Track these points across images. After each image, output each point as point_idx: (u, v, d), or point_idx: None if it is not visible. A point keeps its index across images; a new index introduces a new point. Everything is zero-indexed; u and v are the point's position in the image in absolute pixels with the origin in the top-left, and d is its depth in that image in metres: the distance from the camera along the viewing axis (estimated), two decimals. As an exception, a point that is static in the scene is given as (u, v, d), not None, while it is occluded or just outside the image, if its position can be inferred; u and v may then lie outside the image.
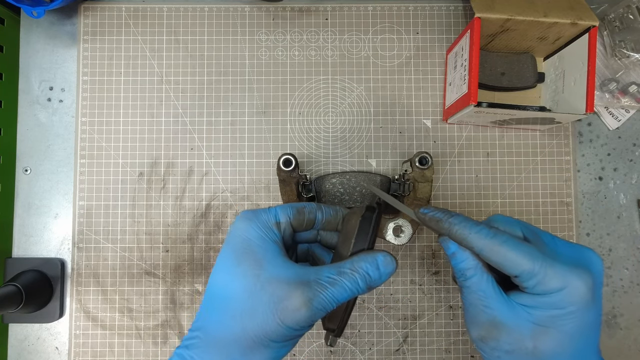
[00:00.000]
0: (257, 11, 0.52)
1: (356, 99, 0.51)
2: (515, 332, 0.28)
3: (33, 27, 0.52)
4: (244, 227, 0.31)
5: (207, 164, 0.51)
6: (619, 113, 0.52)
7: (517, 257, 0.27)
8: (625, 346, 0.50)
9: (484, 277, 0.29)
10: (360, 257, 0.30)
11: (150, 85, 0.51)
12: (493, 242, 0.28)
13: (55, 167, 0.51)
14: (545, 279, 0.27)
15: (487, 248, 0.28)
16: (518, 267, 0.28)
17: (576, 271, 0.27)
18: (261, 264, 0.29)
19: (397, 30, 0.52)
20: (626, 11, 0.50)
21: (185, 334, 0.49)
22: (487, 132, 0.51)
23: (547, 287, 0.27)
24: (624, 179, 0.51)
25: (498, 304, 0.29)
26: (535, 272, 0.27)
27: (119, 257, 0.50)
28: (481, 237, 0.28)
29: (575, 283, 0.27)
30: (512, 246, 0.28)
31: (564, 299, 0.27)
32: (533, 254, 0.28)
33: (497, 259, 0.28)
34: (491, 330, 0.29)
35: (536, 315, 0.28)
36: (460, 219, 0.30)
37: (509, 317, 0.28)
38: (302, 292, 0.27)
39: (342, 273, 0.29)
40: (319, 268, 0.29)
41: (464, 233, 0.29)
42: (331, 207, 0.34)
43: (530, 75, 0.50)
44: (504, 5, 0.43)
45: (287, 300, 0.27)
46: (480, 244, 0.28)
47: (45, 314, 0.49)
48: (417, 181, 0.44)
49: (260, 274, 0.28)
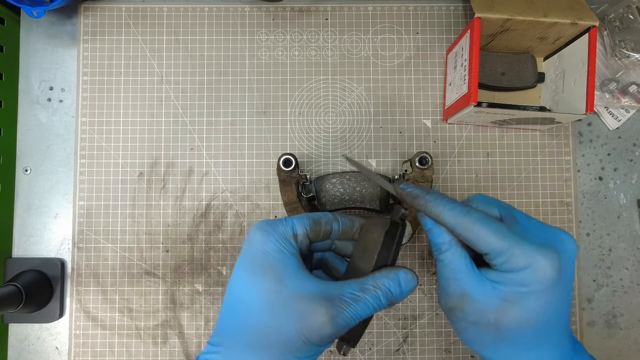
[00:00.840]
0: (257, 11, 0.52)
1: (356, 99, 0.52)
2: (480, 304, 0.29)
3: (33, 27, 0.52)
4: (261, 239, 0.30)
5: (207, 164, 0.51)
6: (619, 113, 0.52)
7: (487, 234, 0.29)
8: (625, 346, 0.50)
9: (458, 252, 0.30)
10: (383, 274, 0.30)
11: (150, 85, 0.51)
12: (465, 219, 0.29)
13: (55, 167, 0.51)
14: (512, 257, 0.28)
15: (460, 225, 0.29)
16: (488, 245, 0.29)
17: (543, 250, 0.28)
18: (281, 279, 0.28)
19: (397, 30, 0.52)
20: (626, 11, 0.50)
21: (185, 334, 0.49)
22: (487, 132, 0.51)
23: (513, 265, 0.28)
24: (624, 179, 0.51)
25: (468, 278, 0.30)
26: (503, 250, 0.28)
27: (119, 257, 0.50)
28: (454, 214, 0.30)
29: (541, 262, 0.28)
30: (483, 224, 0.29)
31: (529, 277, 0.28)
32: (503, 232, 0.29)
33: (469, 235, 0.29)
34: (459, 301, 0.30)
35: (502, 290, 0.29)
36: (435, 196, 0.31)
37: (477, 291, 0.29)
38: (326, 310, 0.27)
39: (365, 290, 0.29)
40: (341, 284, 0.29)
41: (438, 209, 0.30)
42: (347, 217, 0.34)
43: (530, 75, 0.50)
44: (504, 5, 0.43)
45: (311, 318, 0.27)
46: (453, 221, 0.30)
47: (45, 314, 0.49)
48: (417, 181, 0.44)
49: (282, 290, 0.28)
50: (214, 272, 0.50)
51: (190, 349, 0.49)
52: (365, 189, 0.47)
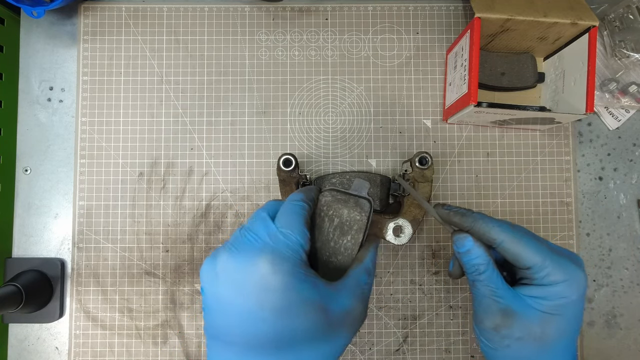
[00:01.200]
0: (257, 11, 0.52)
1: (356, 99, 0.52)
2: (526, 319, 0.31)
3: (33, 27, 0.52)
4: (285, 283, 0.27)
5: (207, 164, 0.51)
6: (619, 113, 0.52)
7: (532, 250, 0.31)
8: (625, 346, 0.50)
9: (495, 272, 0.32)
10: (372, 251, 0.34)
11: (150, 85, 0.51)
12: (514, 235, 0.32)
13: (55, 167, 0.51)
14: (555, 270, 0.31)
15: (508, 240, 0.32)
16: (532, 260, 0.31)
17: (576, 264, 0.32)
18: (324, 309, 0.28)
19: (397, 30, 0.52)
20: (626, 11, 0.50)
21: (185, 334, 0.49)
22: (487, 132, 0.51)
23: (554, 278, 0.31)
24: (624, 179, 0.51)
25: (509, 295, 0.32)
26: (546, 265, 0.31)
27: (119, 257, 0.50)
28: (502, 230, 0.32)
29: (578, 274, 0.31)
30: (528, 240, 0.32)
31: (568, 289, 0.31)
32: (544, 249, 0.32)
33: (516, 250, 0.32)
34: (505, 319, 0.31)
35: (544, 304, 0.31)
36: (482, 214, 0.34)
37: (520, 307, 0.31)
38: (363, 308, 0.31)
39: (369, 274, 0.32)
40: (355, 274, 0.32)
41: (488, 226, 0.33)
42: (308, 192, 0.34)
43: (530, 75, 0.50)
44: (504, 5, 0.43)
45: (359, 319, 0.31)
46: (502, 237, 0.32)
47: (45, 314, 0.49)
48: (417, 181, 0.44)
49: (331, 319, 0.29)
50: (214, 272, 0.50)
51: (190, 349, 0.49)
52: (365, 189, 0.47)
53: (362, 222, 0.33)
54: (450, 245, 0.48)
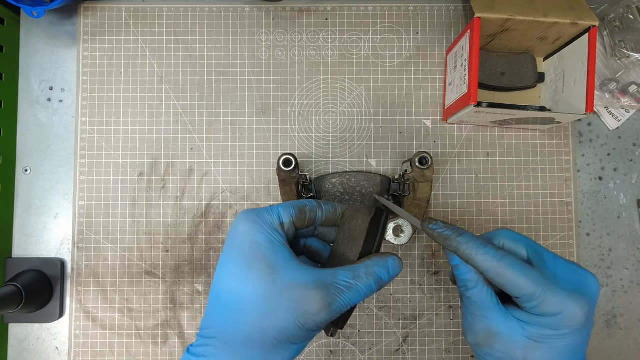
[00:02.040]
0: (257, 11, 0.52)
1: (356, 99, 0.52)
2: (508, 342, 0.30)
3: (33, 27, 0.52)
4: (249, 229, 0.30)
5: (207, 164, 0.51)
6: (619, 113, 0.52)
7: (520, 281, 0.29)
8: (625, 346, 0.50)
9: (484, 290, 0.31)
10: (374, 261, 0.31)
11: (150, 85, 0.51)
12: (499, 265, 0.29)
13: (55, 167, 0.51)
14: (545, 303, 0.29)
15: (492, 270, 0.30)
16: (520, 290, 0.29)
17: (574, 297, 0.29)
18: (275, 269, 0.29)
19: (397, 30, 0.52)
20: (626, 11, 0.50)
21: (185, 333, 0.49)
22: (487, 132, 0.51)
23: (545, 310, 0.29)
24: (624, 179, 0.51)
25: (495, 315, 0.31)
26: (535, 296, 0.29)
27: (119, 257, 0.50)
28: (487, 259, 0.30)
29: (572, 309, 0.29)
30: (517, 270, 0.29)
31: (560, 323, 0.29)
32: (535, 278, 0.29)
33: (501, 281, 0.30)
34: (486, 338, 0.31)
35: (530, 331, 0.30)
36: (467, 238, 0.31)
37: (504, 329, 0.30)
38: (322, 297, 0.28)
39: (357, 277, 0.30)
40: (334, 271, 0.30)
41: (471, 254, 0.30)
42: (330, 203, 0.34)
43: (530, 75, 0.50)
44: (504, 5, 0.43)
45: (307, 305, 0.28)
46: (486, 266, 0.30)
47: (45, 314, 0.49)
48: (417, 181, 0.44)
49: (277, 279, 0.28)
50: (214, 272, 0.50)
51: (190, 349, 0.49)
52: (365, 189, 0.47)
53: (363, 227, 0.32)
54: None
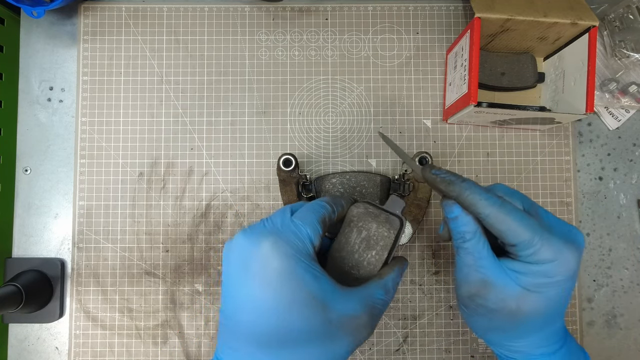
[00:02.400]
0: (257, 11, 0.52)
1: (356, 99, 0.52)
2: (502, 292, 0.31)
3: (33, 27, 0.52)
4: (286, 267, 0.28)
5: (207, 164, 0.51)
6: (619, 113, 0.52)
7: (520, 227, 0.29)
8: (625, 346, 0.50)
9: (481, 241, 0.31)
10: (396, 272, 0.33)
11: (150, 85, 0.51)
12: (500, 210, 0.30)
13: (55, 167, 0.51)
14: (541, 250, 0.29)
15: (494, 216, 0.30)
16: (518, 237, 0.30)
17: (568, 245, 0.30)
18: (326, 307, 0.28)
19: (397, 30, 0.52)
20: (626, 11, 0.50)
21: (185, 334, 0.49)
22: (487, 132, 0.51)
23: (541, 257, 0.30)
24: (624, 179, 0.51)
25: (491, 266, 0.31)
26: (533, 243, 0.29)
27: (119, 257, 0.50)
28: (489, 204, 0.30)
29: (567, 256, 0.30)
30: (517, 217, 0.30)
31: (554, 269, 0.30)
32: (533, 226, 0.30)
33: (501, 227, 0.30)
34: (480, 288, 0.31)
35: (524, 280, 0.30)
36: (470, 184, 0.31)
37: (499, 279, 0.31)
38: (369, 321, 0.30)
39: (388, 292, 0.32)
40: (369, 289, 0.31)
41: (475, 198, 0.30)
42: (337, 202, 0.34)
43: (530, 75, 0.50)
44: (504, 5, 0.43)
45: (361, 333, 0.30)
46: (488, 211, 0.30)
47: (45, 314, 0.49)
48: (417, 181, 0.44)
49: (331, 318, 0.28)
50: (214, 272, 0.50)
51: (190, 349, 0.49)
52: (365, 189, 0.47)
53: (389, 239, 0.32)
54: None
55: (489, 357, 0.49)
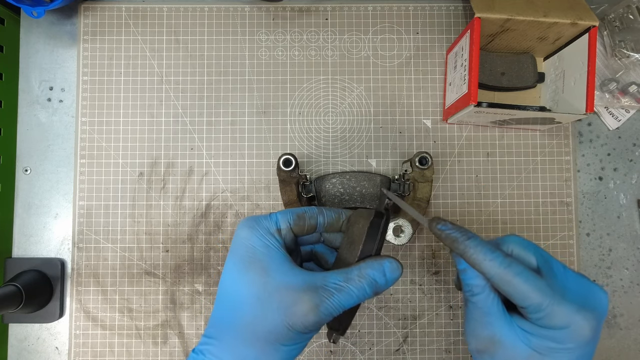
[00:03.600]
0: (257, 11, 0.52)
1: (356, 99, 0.52)
2: (511, 351, 0.29)
3: (33, 27, 0.52)
4: (246, 235, 0.31)
5: (207, 164, 0.51)
6: (619, 113, 0.52)
7: (528, 290, 0.28)
8: (625, 346, 0.50)
9: (490, 296, 0.30)
10: (367, 264, 0.30)
11: (150, 85, 0.51)
12: (507, 272, 0.29)
13: (55, 167, 0.51)
14: (551, 315, 0.28)
15: (500, 277, 0.29)
16: (527, 300, 0.28)
17: (582, 312, 0.28)
18: (267, 272, 0.29)
19: (397, 30, 0.52)
20: (626, 11, 0.50)
21: (185, 333, 0.49)
22: (487, 132, 0.51)
23: (551, 322, 0.28)
24: (624, 179, 0.51)
25: (500, 323, 0.30)
26: (542, 308, 0.28)
27: (119, 257, 0.50)
28: (495, 265, 0.29)
29: (580, 324, 0.28)
30: (524, 279, 0.28)
31: (566, 336, 0.28)
32: (543, 289, 0.28)
33: (508, 289, 0.29)
34: (489, 345, 0.30)
35: (534, 342, 0.29)
36: (476, 242, 0.30)
37: (508, 337, 0.29)
38: (309, 299, 0.28)
39: (349, 279, 0.29)
40: (326, 274, 0.30)
41: (479, 258, 0.29)
42: (333, 210, 0.34)
43: (530, 75, 0.50)
44: (504, 5, 0.43)
45: (295, 307, 0.28)
46: (493, 272, 0.29)
47: (45, 314, 0.49)
48: (417, 181, 0.44)
49: (268, 282, 0.29)
50: (214, 272, 0.50)
51: (190, 349, 0.49)
52: (366, 189, 0.47)
53: (362, 231, 0.31)
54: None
55: (489, 357, 0.49)
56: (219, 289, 0.31)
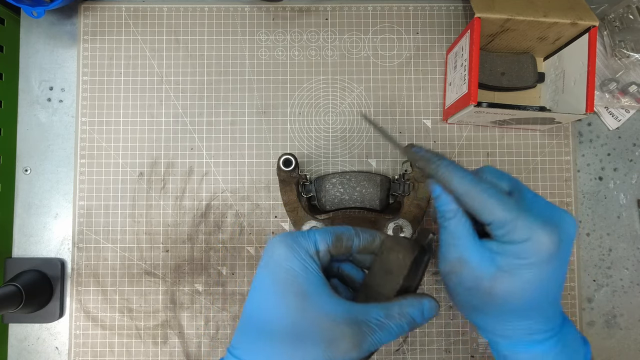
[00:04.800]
0: (257, 11, 0.52)
1: (356, 99, 0.52)
2: (477, 271, 0.31)
3: (33, 27, 0.52)
4: (284, 254, 0.30)
5: (207, 164, 0.51)
6: (619, 113, 0.52)
7: (492, 205, 0.29)
8: (625, 346, 0.50)
9: (462, 221, 0.31)
10: (409, 301, 0.30)
11: (150, 85, 0.51)
12: (474, 188, 0.30)
13: (55, 167, 0.51)
14: (514, 229, 0.29)
15: (467, 193, 0.30)
16: (491, 215, 0.30)
17: (543, 226, 0.29)
18: (306, 297, 0.28)
19: (397, 30, 0.52)
20: (626, 11, 0.50)
21: (185, 333, 0.49)
22: (487, 132, 0.51)
23: (513, 236, 0.29)
24: (624, 179, 0.51)
25: (468, 245, 0.31)
26: (505, 222, 0.29)
27: (119, 257, 0.50)
28: (464, 182, 0.30)
29: (540, 237, 0.29)
30: (490, 195, 0.30)
31: (527, 250, 0.29)
32: (507, 205, 0.29)
33: (474, 204, 0.30)
34: (456, 265, 0.31)
35: (499, 260, 0.30)
36: (447, 162, 0.31)
37: (474, 258, 0.31)
38: (352, 335, 0.27)
39: (390, 316, 0.29)
40: (366, 307, 0.29)
41: (449, 176, 0.31)
42: (369, 232, 0.33)
43: (530, 75, 0.50)
44: (504, 5, 0.43)
45: (337, 342, 0.27)
46: (462, 189, 0.30)
47: (45, 314, 0.49)
48: (417, 181, 0.44)
49: (306, 308, 0.28)
50: (214, 272, 0.50)
51: (190, 349, 0.49)
52: (365, 189, 0.47)
53: (404, 266, 0.31)
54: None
55: (488, 357, 0.49)
56: (247, 305, 0.30)
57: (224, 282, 0.50)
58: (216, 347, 0.49)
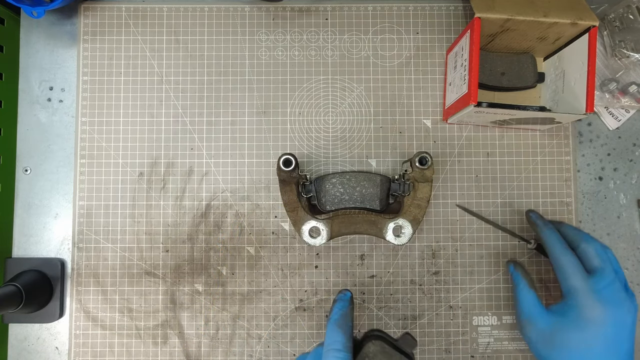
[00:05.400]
0: (257, 11, 0.52)
1: (356, 99, 0.52)
2: (541, 333, 0.41)
3: (33, 27, 0.52)
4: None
5: (207, 164, 0.51)
6: (619, 113, 0.52)
7: (570, 277, 0.40)
8: (625, 346, 0.50)
9: (525, 291, 0.43)
10: None
11: (150, 85, 0.51)
12: (560, 258, 0.41)
13: (55, 167, 0.51)
14: (579, 304, 0.39)
15: (555, 260, 0.42)
16: (565, 282, 0.40)
17: (603, 311, 0.38)
18: None
19: (397, 30, 0.52)
20: (626, 11, 0.50)
21: (185, 333, 0.49)
22: (487, 132, 0.51)
23: (576, 308, 0.39)
24: (624, 179, 0.51)
25: (534, 312, 0.42)
26: (575, 294, 0.39)
27: (119, 257, 0.50)
28: (555, 249, 0.42)
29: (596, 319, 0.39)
30: (571, 266, 0.40)
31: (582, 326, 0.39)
32: (582, 280, 0.40)
33: (557, 270, 0.41)
34: (525, 325, 0.42)
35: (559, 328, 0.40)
36: (551, 230, 0.44)
37: (540, 323, 0.41)
38: None
39: None
40: None
41: (547, 241, 0.43)
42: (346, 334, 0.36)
43: (530, 75, 0.50)
44: (504, 5, 0.43)
45: None
46: (553, 255, 0.42)
47: (45, 314, 0.49)
48: (417, 181, 0.44)
49: None
50: (214, 272, 0.50)
51: (190, 349, 0.49)
52: (366, 189, 0.47)
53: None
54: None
55: (488, 357, 0.49)
56: None
57: (224, 282, 0.50)
58: (216, 347, 0.49)
